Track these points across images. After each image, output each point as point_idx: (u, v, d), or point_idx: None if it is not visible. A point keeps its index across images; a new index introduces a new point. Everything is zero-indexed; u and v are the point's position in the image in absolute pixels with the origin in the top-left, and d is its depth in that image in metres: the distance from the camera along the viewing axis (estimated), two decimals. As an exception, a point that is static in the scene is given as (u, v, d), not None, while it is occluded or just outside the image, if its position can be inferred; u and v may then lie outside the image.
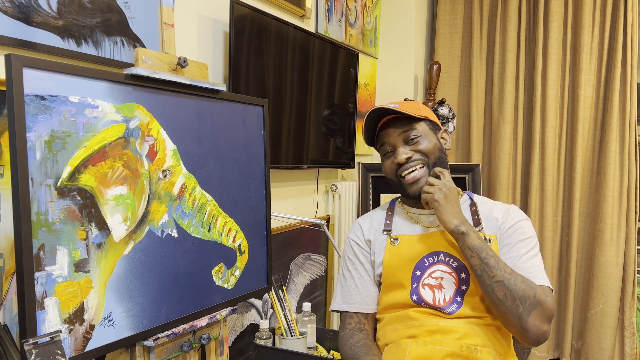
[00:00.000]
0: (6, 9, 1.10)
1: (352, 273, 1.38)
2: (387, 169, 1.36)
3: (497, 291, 1.17)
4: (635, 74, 2.60)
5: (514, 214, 1.33)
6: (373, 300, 1.36)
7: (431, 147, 1.31)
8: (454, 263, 1.27)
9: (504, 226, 1.31)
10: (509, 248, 1.28)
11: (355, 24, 2.57)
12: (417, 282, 1.28)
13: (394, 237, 1.34)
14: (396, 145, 1.32)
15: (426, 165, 1.31)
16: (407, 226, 1.36)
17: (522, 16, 2.75)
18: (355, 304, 1.36)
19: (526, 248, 1.27)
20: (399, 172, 1.32)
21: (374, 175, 2.55)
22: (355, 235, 1.41)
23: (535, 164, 2.72)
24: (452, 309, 1.24)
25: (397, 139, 1.31)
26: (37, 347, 0.88)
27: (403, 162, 1.29)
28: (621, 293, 2.63)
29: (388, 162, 1.35)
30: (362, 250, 1.38)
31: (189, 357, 1.25)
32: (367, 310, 1.35)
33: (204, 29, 1.66)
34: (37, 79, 0.93)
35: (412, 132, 1.30)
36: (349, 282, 1.38)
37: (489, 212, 1.34)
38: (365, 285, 1.36)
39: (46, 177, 0.93)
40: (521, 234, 1.29)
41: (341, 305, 1.38)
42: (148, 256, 1.13)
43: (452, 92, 2.92)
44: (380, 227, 1.39)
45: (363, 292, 1.36)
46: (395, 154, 1.32)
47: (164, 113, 1.17)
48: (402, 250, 1.31)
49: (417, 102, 1.36)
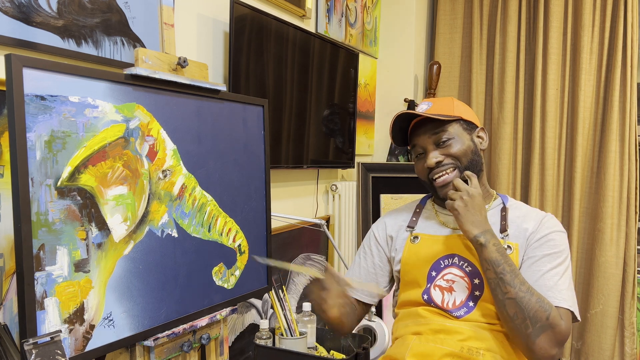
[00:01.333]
0: (6, 9, 1.10)
1: (360, 260, 1.43)
2: (419, 171, 1.33)
3: (508, 308, 1.14)
4: (635, 74, 2.59)
5: (548, 224, 1.27)
6: (370, 291, 1.40)
7: (463, 150, 1.27)
8: (468, 268, 1.25)
9: (533, 237, 1.25)
10: (533, 261, 1.22)
11: (355, 24, 2.57)
12: (431, 282, 1.28)
13: (415, 236, 1.34)
14: (427, 149, 1.28)
15: (457, 168, 1.27)
16: (432, 226, 1.35)
17: (522, 16, 2.75)
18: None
19: (552, 264, 1.21)
20: (430, 175, 1.29)
21: (374, 175, 2.55)
22: (377, 228, 1.44)
23: (535, 164, 2.72)
24: (461, 313, 1.23)
25: (428, 142, 1.28)
26: (37, 347, 0.88)
27: (433, 166, 1.27)
28: (621, 293, 2.63)
29: (420, 164, 1.32)
30: (378, 244, 1.41)
31: (189, 357, 1.25)
32: (358, 297, 1.39)
33: (204, 29, 1.66)
34: (37, 79, 0.93)
35: (443, 135, 1.26)
36: (355, 267, 1.44)
37: (522, 220, 1.29)
38: (368, 275, 1.41)
39: (46, 177, 0.93)
40: (550, 248, 1.22)
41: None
42: (148, 256, 1.13)
43: (452, 92, 2.92)
44: (404, 223, 1.39)
45: (364, 279, 1.40)
46: (426, 157, 1.29)
47: (164, 113, 1.17)
48: (420, 249, 1.31)
49: (451, 99, 1.32)
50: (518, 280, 1.14)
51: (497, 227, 1.28)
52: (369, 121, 2.73)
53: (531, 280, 1.19)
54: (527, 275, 1.20)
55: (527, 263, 1.23)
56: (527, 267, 1.22)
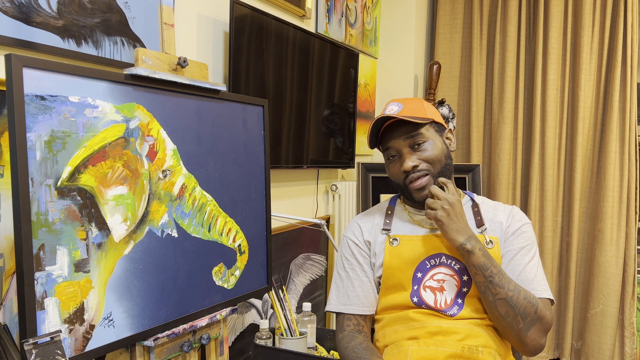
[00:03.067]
0: (6, 9, 1.10)
1: (349, 274, 1.35)
2: (394, 174, 1.31)
3: (500, 308, 1.18)
4: (635, 74, 2.59)
5: (517, 216, 1.32)
6: (371, 301, 1.33)
7: (437, 154, 1.27)
8: (456, 265, 1.26)
9: (509, 230, 1.30)
10: (513, 255, 1.27)
11: (355, 24, 2.57)
12: (418, 284, 1.26)
13: (393, 238, 1.32)
14: (402, 151, 1.28)
15: (431, 175, 1.28)
16: (407, 227, 1.34)
17: (522, 16, 2.75)
18: (353, 305, 1.32)
19: (529, 255, 1.27)
20: (406, 180, 1.28)
21: (374, 175, 2.55)
22: (353, 235, 1.37)
23: (535, 164, 2.72)
24: (454, 311, 1.23)
25: (403, 144, 1.27)
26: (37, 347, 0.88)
27: (409, 170, 1.26)
28: (621, 293, 2.63)
29: (394, 166, 1.30)
30: (361, 251, 1.35)
31: (189, 357, 1.25)
32: (366, 312, 1.32)
33: (204, 29, 1.66)
34: (37, 79, 0.93)
35: (418, 138, 1.26)
36: (346, 283, 1.34)
37: (493, 214, 1.33)
38: (363, 286, 1.33)
39: (46, 177, 0.93)
40: (524, 240, 1.29)
41: (337, 306, 1.34)
42: (148, 256, 1.13)
43: (452, 92, 2.92)
44: (379, 227, 1.36)
45: (361, 293, 1.32)
46: (401, 160, 1.28)
47: (164, 113, 1.17)
48: (402, 251, 1.29)
49: (420, 100, 1.32)
50: (505, 280, 1.19)
51: (472, 222, 1.31)
52: (369, 121, 2.73)
53: (513, 275, 1.25)
54: (509, 270, 1.26)
55: (507, 257, 1.28)
56: (507, 262, 1.27)
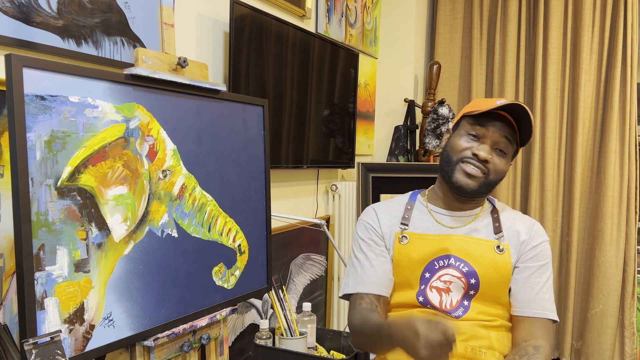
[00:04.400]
0: (6, 9, 1.10)
1: (366, 254, 1.30)
2: (456, 147, 1.26)
3: None
4: (635, 74, 2.60)
5: (539, 232, 1.30)
6: (389, 283, 1.28)
7: (503, 171, 1.26)
8: (465, 268, 1.25)
9: (526, 244, 1.28)
10: (530, 272, 1.26)
11: (355, 24, 2.57)
12: (426, 284, 1.26)
13: (403, 235, 1.29)
14: (488, 141, 1.23)
15: (485, 180, 1.24)
16: (426, 224, 1.31)
17: (522, 16, 2.75)
18: (370, 284, 1.26)
19: (545, 275, 1.27)
20: (466, 158, 1.24)
21: (374, 175, 2.55)
22: (371, 219, 1.33)
23: (535, 164, 2.72)
24: (459, 313, 1.23)
25: (494, 137, 1.23)
26: (37, 347, 0.88)
27: (481, 157, 1.22)
28: (621, 293, 2.63)
29: (464, 142, 1.25)
30: (378, 233, 1.31)
31: (189, 357, 1.25)
32: (381, 292, 1.26)
33: (204, 29, 1.66)
34: (37, 79, 0.93)
35: (506, 146, 1.24)
36: (364, 263, 1.29)
37: (512, 222, 1.31)
38: (382, 266, 1.28)
39: (46, 177, 0.93)
40: (542, 258, 1.28)
41: (354, 287, 1.28)
42: (148, 256, 1.13)
43: (452, 92, 2.92)
44: (397, 219, 1.33)
45: (380, 272, 1.27)
46: (480, 144, 1.24)
47: (164, 113, 1.17)
48: (411, 250, 1.28)
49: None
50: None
51: (490, 228, 1.29)
52: (369, 121, 2.73)
53: (530, 294, 1.24)
54: (525, 289, 1.25)
55: (524, 275, 1.26)
56: (523, 281, 1.26)
